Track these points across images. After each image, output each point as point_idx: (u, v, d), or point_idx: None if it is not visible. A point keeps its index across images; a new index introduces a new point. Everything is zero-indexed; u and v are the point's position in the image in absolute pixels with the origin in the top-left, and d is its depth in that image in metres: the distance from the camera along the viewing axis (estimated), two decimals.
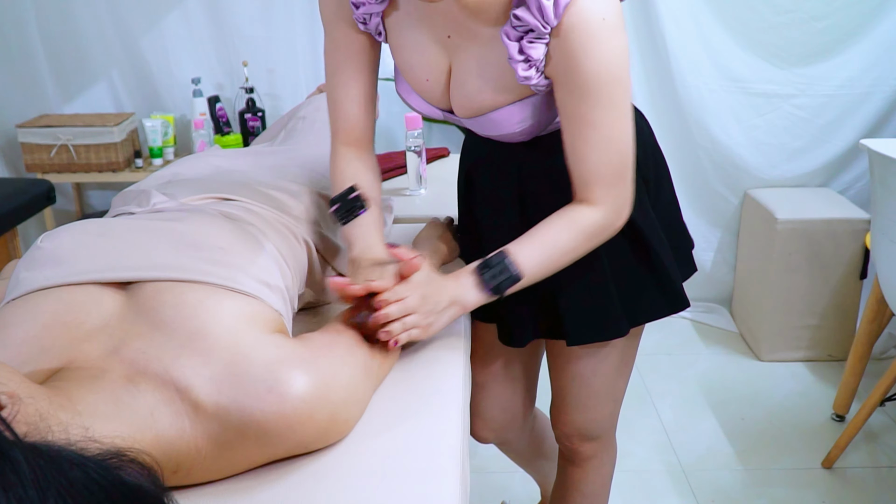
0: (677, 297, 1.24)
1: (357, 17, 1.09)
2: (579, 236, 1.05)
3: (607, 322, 1.19)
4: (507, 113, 1.06)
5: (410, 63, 1.11)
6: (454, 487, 0.83)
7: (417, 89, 1.14)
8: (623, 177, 1.04)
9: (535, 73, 0.99)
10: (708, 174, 2.80)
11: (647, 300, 1.22)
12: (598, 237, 1.07)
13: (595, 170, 1.03)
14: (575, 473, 1.42)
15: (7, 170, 2.93)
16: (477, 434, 1.46)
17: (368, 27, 1.11)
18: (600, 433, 1.37)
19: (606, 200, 1.04)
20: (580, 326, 1.19)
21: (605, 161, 1.02)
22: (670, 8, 2.59)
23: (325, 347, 0.88)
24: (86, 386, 0.75)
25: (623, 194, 1.06)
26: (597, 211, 1.04)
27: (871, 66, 2.62)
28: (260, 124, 2.82)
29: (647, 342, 2.78)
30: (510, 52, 0.97)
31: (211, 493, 0.81)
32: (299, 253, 1.14)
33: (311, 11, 2.84)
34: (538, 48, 0.96)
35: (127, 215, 1.09)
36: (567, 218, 1.05)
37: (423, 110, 1.18)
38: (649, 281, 1.21)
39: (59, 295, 0.86)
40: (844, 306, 2.58)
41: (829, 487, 2.06)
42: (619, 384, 1.33)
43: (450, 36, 1.05)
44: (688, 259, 1.33)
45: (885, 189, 1.73)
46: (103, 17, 2.82)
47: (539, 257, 1.04)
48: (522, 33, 0.96)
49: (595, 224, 1.05)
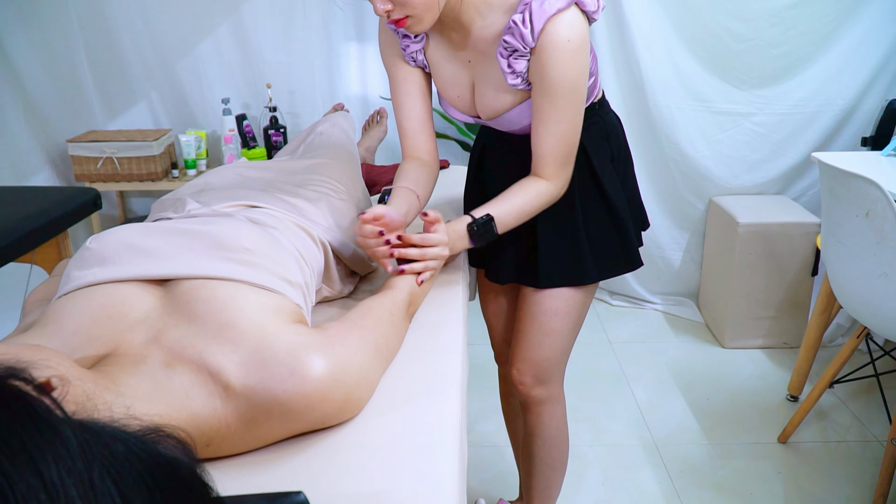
0: (635, 258, 1.37)
1: (407, 57, 1.27)
2: (535, 203, 1.21)
3: (577, 271, 1.32)
4: (518, 112, 1.22)
5: (445, 85, 1.28)
6: (453, 459, 0.83)
7: (452, 103, 1.31)
8: (569, 160, 1.21)
9: (521, 81, 1.16)
10: (677, 183, 2.80)
11: (611, 259, 1.35)
12: (546, 204, 1.23)
13: (550, 152, 1.18)
14: (531, 420, 1.49)
15: (59, 179, 2.93)
16: (503, 374, 1.60)
17: (417, 63, 1.28)
18: (549, 377, 1.42)
19: (556, 176, 1.21)
20: (552, 272, 1.32)
21: (559, 146, 1.18)
22: (644, 36, 2.59)
23: (340, 335, 0.88)
24: (128, 370, 0.75)
25: (567, 173, 1.22)
26: (550, 185, 1.21)
27: (821, 88, 2.62)
28: (282, 139, 2.81)
29: (623, 331, 2.80)
30: (502, 67, 1.15)
31: (239, 464, 0.81)
32: (317, 253, 1.13)
33: (327, 39, 2.84)
34: (521, 63, 1.13)
35: (165, 220, 1.09)
36: (531, 190, 1.21)
37: (459, 118, 1.33)
38: (616, 243, 1.34)
39: (105, 291, 0.86)
40: (798, 300, 2.58)
41: (784, 460, 2.06)
42: (571, 333, 1.40)
43: (469, 61, 1.22)
44: (642, 227, 1.46)
45: (833, 196, 1.73)
46: (144, 44, 2.83)
47: (511, 221, 1.21)
48: (510, 52, 1.13)
49: (548, 194, 1.22)
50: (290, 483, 0.77)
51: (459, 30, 1.18)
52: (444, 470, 0.80)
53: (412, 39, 1.25)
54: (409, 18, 1.08)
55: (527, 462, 1.57)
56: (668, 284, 2.98)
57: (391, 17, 1.08)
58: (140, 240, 0.93)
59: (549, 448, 1.51)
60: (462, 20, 1.15)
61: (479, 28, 1.15)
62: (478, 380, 2.28)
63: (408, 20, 1.08)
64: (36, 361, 0.63)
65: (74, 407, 0.60)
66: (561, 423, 1.51)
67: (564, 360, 1.44)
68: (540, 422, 1.48)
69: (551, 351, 1.39)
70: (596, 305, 3.04)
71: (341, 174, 1.43)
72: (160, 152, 2.75)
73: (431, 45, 1.25)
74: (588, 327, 2.83)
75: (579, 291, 1.35)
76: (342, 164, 1.49)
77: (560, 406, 1.49)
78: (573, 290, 1.34)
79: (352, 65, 2.90)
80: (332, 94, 2.90)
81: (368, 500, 0.75)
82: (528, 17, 1.07)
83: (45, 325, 0.82)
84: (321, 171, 1.41)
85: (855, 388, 2.38)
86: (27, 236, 1.59)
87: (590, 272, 1.32)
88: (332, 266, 1.19)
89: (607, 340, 2.74)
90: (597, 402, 2.34)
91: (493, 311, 1.58)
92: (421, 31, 1.12)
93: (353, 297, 1.26)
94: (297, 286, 0.97)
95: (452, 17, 1.15)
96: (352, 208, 1.34)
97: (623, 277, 2.98)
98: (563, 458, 1.55)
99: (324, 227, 1.20)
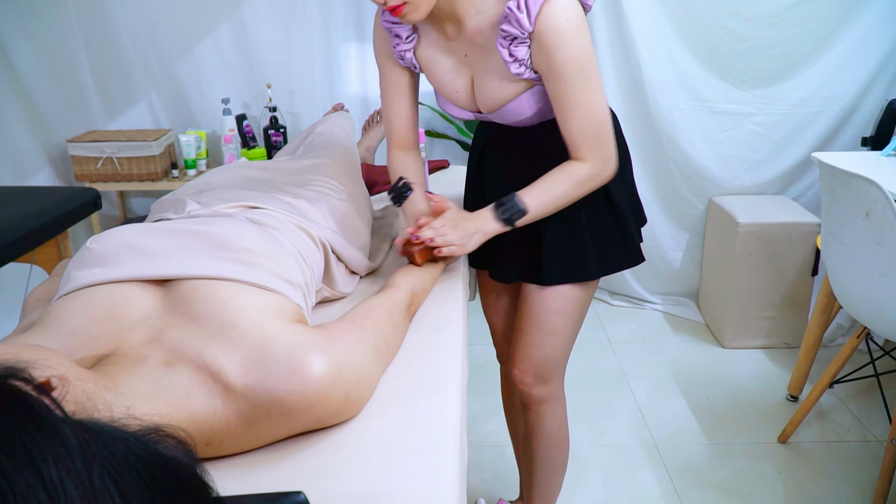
0: (637, 254, 1.38)
1: (396, 55, 1.28)
2: (571, 182, 1.20)
3: (580, 267, 1.32)
4: (518, 102, 1.21)
5: (442, 82, 1.28)
6: (453, 459, 0.83)
7: (451, 100, 1.30)
8: (602, 138, 1.18)
9: (525, 69, 1.14)
10: (677, 183, 2.80)
11: (614, 255, 1.35)
12: (588, 184, 1.21)
13: (579, 135, 1.17)
14: (531, 418, 1.49)
15: (59, 179, 2.93)
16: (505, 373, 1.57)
17: (406, 62, 1.29)
18: (550, 376, 1.43)
19: (592, 157, 1.19)
20: (556, 269, 1.32)
21: (586, 128, 1.16)
22: (644, 36, 2.59)
23: (340, 335, 0.88)
24: (128, 370, 0.75)
25: (605, 150, 1.19)
26: (585, 165, 1.19)
27: (821, 88, 2.62)
28: (282, 139, 2.81)
29: (623, 331, 2.79)
30: (503, 56, 1.13)
31: (239, 464, 0.81)
32: (316, 253, 1.13)
33: (327, 40, 2.84)
34: (522, 49, 1.12)
35: (165, 221, 1.09)
36: (563, 170, 1.20)
37: (458, 115, 1.33)
38: (618, 238, 1.34)
39: (105, 291, 0.86)
40: (798, 300, 2.58)
41: (784, 459, 2.05)
42: (572, 332, 1.40)
43: (466, 55, 1.22)
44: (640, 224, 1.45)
45: (833, 196, 1.72)
46: (144, 44, 2.83)
47: (540, 197, 1.20)
48: (510, 41, 1.12)
49: (584, 174, 1.19)
50: (290, 483, 0.77)
51: (454, 21, 1.18)
52: (444, 470, 0.80)
53: (403, 39, 1.25)
54: (405, 5, 1.09)
55: (527, 461, 1.57)
56: (668, 284, 2.98)
57: (388, 3, 1.08)
58: (140, 240, 0.93)
59: (550, 447, 1.51)
60: (457, 11, 1.16)
61: (474, 19, 1.16)
62: (478, 380, 2.28)
63: (404, 7, 1.09)
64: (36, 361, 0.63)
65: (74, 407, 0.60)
66: (562, 422, 1.51)
67: (565, 359, 1.44)
68: (541, 421, 1.48)
69: (552, 350, 1.39)
70: (596, 305, 3.04)
71: (341, 174, 1.43)
72: (160, 152, 2.75)
73: (424, 43, 1.26)
74: (588, 327, 2.83)
75: (580, 290, 1.35)
76: (342, 165, 1.49)
77: (561, 405, 1.49)
78: (574, 288, 1.35)
79: (352, 65, 2.90)
80: (332, 94, 2.90)
81: (368, 500, 0.75)
82: (524, 3, 1.07)
83: (45, 325, 0.82)
84: (321, 171, 1.41)
85: (855, 388, 2.38)
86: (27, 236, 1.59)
87: (592, 268, 1.32)
88: (333, 266, 1.19)
89: (607, 340, 2.74)
90: (597, 402, 2.34)
91: (494, 311, 1.58)
92: (416, 19, 1.12)
93: (352, 297, 1.26)
94: (297, 286, 0.97)
95: (447, 8, 1.15)
96: (352, 208, 1.34)
97: (623, 277, 2.98)
98: (563, 458, 1.55)
99: (324, 227, 1.20)
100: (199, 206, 1.12)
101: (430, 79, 1.30)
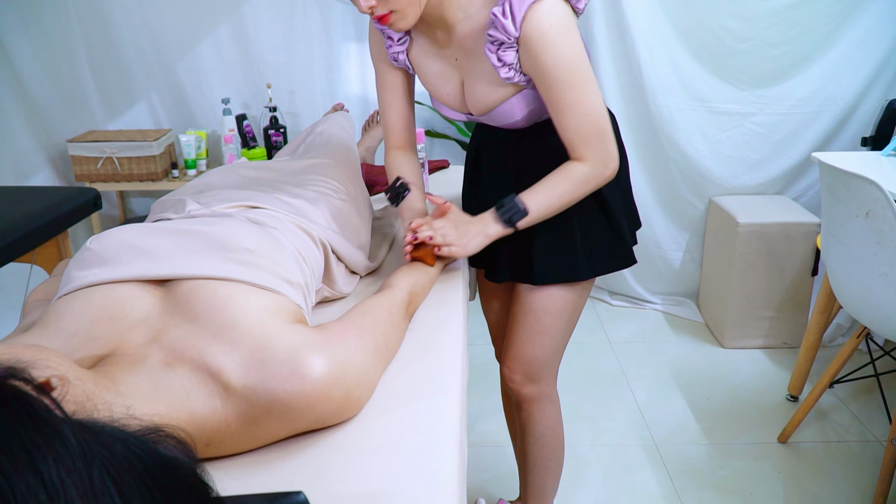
0: (629, 256, 1.37)
1: (390, 57, 1.29)
2: (572, 182, 1.19)
3: (570, 268, 1.32)
4: (509, 105, 1.21)
5: (434, 84, 1.29)
6: (453, 459, 0.83)
7: (443, 102, 1.30)
8: (600, 137, 1.17)
9: (514, 73, 1.15)
10: (677, 183, 2.80)
11: (605, 256, 1.35)
12: (589, 183, 1.20)
13: (576, 136, 1.16)
14: (523, 417, 1.49)
15: (59, 179, 2.93)
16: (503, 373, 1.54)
17: (399, 63, 1.29)
18: (539, 376, 1.42)
19: (591, 156, 1.18)
20: (547, 269, 1.32)
21: (582, 128, 1.15)
22: (644, 36, 2.59)
23: (340, 335, 0.88)
24: (128, 370, 0.75)
25: (605, 150, 1.18)
26: (585, 165, 1.19)
27: (821, 88, 2.62)
28: (282, 139, 2.81)
29: (623, 331, 2.79)
30: (492, 61, 1.14)
31: (239, 464, 0.81)
32: (316, 253, 1.13)
33: (327, 40, 2.84)
34: (510, 54, 1.12)
35: (165, 220, 1.09)
36: (563, 170, 1.20)
37: (451, 116, 1.33)
38: (609, 241, 1.34)
39: (105, 291, 0.86)
40: (798, 300, 2.58)
41: (784, 459, 2.05)
42: (563, 332, 1.40)
43: (457, 59, 1.22)
44: (634, 227, 1.45)
45: (833, 196, 1.72)
46: (144, 44, 2.83)
47: (541, 198, 1.20)
48: (497, 46, 1.12)
49: (584, 174, 1.19)
50: (290, 483, 0.77)
51: (443, 27, 1.18)
52: (444, 470, 0.80)
53: (395, 41, 1.26)
54: (392, 14, 1.09)
55: (521, 459, 1.58)
56: (668, 284, 2.98)
57: (375, 13, 1.08)
58: (140, 240, 0.93)
59: (542, 446, 1.51)
60: (446, 17, 1.16)
61: (463, 24, 1.16)
62: (478, 380, 2.28)
63: (392, 16, 1.09)
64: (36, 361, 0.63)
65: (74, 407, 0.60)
66: (553, 422, 1.50)
67: (556, 360, 1.44)
68: (531, 419, 1.48)
69: (541, 349, 1.39)
70: (596, 305, 3.04)
71: (341, 174, 1.43)
72: (160, 152, 2.75)
73: (415, 47, 1.26)
74: (588, 327, 2.83)
75: (571, 291, 1.35)
76: (342, 164, 1.49)
77: (552, 405, 1.49)
78: (565, 289, 1.35)
79: (352, 65, 2.90)
80: (332, 94, 2.90)
81: (368, 500, 0.75)
82: (509, 8, 1.07)
83: (45, 325, 0.82)
84: (321, 171, 1.41)
85: (855, 388, 2.38)
86: (27, 236, 1.59)
87: (582, 269, 1.32)
88: (332, 266, 1.19)
89: (607, 340, 2.74)
90: (597, 402, 2.34)
91: (492, 310, 1.59)
92: (405, 27, 1.11)
93: (352, 297, 1.26)
94: (297, 286, 0.97)
95: (436, 15, 1.15)
96: (352, 208, 1.34)
97: (623, 277, 2.98)
98: (556, 457, 1.55)
99: (324, 227, 1.20)
100: (199, 206, 1.12)
101: (421, 81, 1.31)
